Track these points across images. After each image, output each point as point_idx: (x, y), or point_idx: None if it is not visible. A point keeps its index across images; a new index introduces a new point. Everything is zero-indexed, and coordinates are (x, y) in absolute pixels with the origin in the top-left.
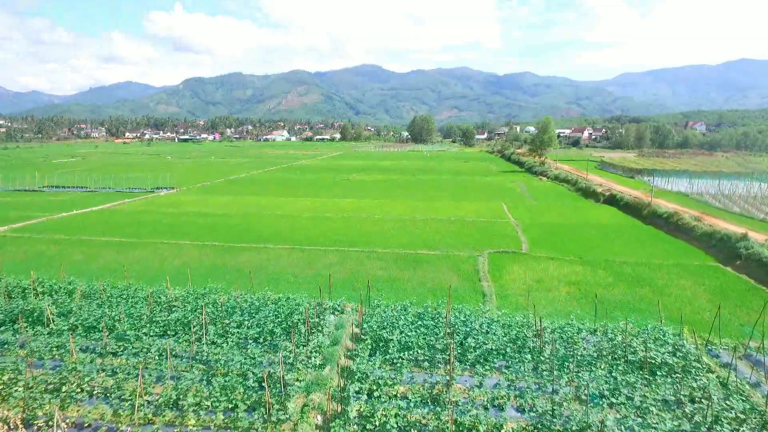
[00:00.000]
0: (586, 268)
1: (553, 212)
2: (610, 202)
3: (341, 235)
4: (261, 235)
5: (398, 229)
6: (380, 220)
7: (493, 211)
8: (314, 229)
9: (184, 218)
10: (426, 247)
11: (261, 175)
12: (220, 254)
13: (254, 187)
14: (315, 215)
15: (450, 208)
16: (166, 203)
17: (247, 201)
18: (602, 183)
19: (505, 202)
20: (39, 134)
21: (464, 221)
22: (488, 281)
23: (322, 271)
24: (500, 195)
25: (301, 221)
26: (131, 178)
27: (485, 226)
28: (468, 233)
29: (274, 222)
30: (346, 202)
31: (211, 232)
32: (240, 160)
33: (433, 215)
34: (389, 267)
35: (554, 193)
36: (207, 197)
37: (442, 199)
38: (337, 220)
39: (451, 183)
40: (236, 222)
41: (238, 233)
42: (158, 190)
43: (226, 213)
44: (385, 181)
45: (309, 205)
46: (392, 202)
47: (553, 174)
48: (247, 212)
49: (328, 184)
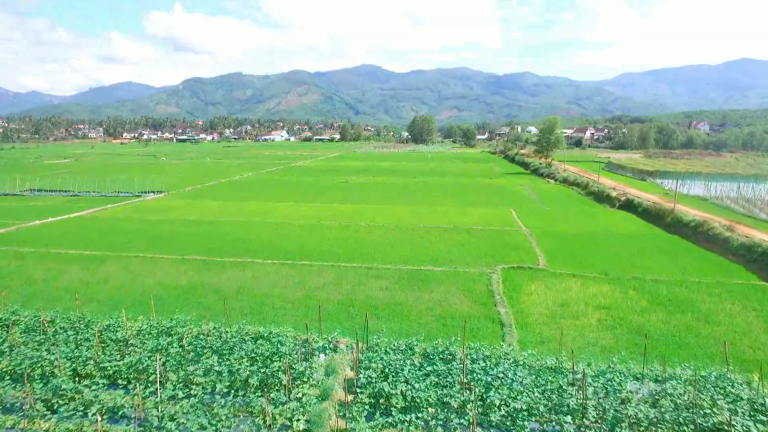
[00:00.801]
0: (614, 288)
1: (566, 219)
2: (626, 208)
3: (337, 247)
4: (249, 247)
5: (400, 238)
6: (381, 229)
7: (501, 218)
8: (308, 240)
9: (167, 227)
10: (432, 262)
11: (256, 177)
12: (200, 271)
13: (247, 190)
14: (310, 222)
15: (455, 215)
16: (150, 209)
17: (238, 206)
18: (615, 186)
19: (513, 208)
20: (36, 135)
21: (471, 230)
22: (505, 306)
23: (314, 293)
24: (507, 199)
25: (294, 230)
26: (121, 180)
27: (495, 236)
28: (477, 244)
29: (264, 231)
30: (344, 208)
31: (194, 244)
32: (236, 162)
33: (438, 223)
34: (391, 287)
35: (564, 197)
36: (196, 202)
37: (446, 204)
38: (334, 228)
39: (454, 186)
40: (223, 231)
41: (223, 244)
42: (145, 194)
43: (213, 220)
44: (386, 184)
45: (304, 210)
46: (393, 208)
47: (561, 176)
48: (237, 219)
49: (326, 188)
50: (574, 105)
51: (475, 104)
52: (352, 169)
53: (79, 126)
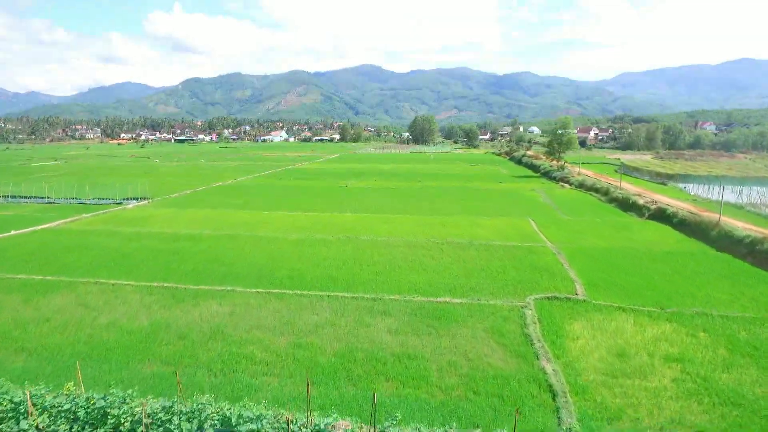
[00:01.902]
0: (677, 329)
1: (594, 232)
2: (658, 218)
3: (336, 269)
4: (231, 271)
5: (409, 258)
6: (385, 245)
7: (521, 231)
8: (301, 260)
9: (141, 243)
10: (449, 291)
11: (250, 181)
12: (168, 304)
13: (239, 197)
14: (304, 237)
15: (468, 226)
16: (128, 219)
17: (226, 216)
18: (640, 192)
19: (531, 217)
20: (32, 135)
21: (490, 246)
22: (550, 359)
23: (306, 339)
24: (522, 207)
25: (286, 246)
26: (105, 185)
27: (519, 255)
28: (499, 265)
29: (252, 248)
30: (344, 218)
31: (168, 265)
32: (231, 164)
33: (450, 237)
34: (402, 329)
35: (585, 205)
36: (180, 211)
37: (457, 212)
38: (332, 243)
39: (462, 191)
40: (204, 248)
41: (202, 266)
42: (128, 202)
43: (195, 234)
44: (389, 190)
45: (299, 221)
46: (399, 218)
47: (577, 180)
48: (222, 233)
49: (324, 193)
50: (574, 105)
51: (475, 104)
52: (352, 172)
53: (76, 126)
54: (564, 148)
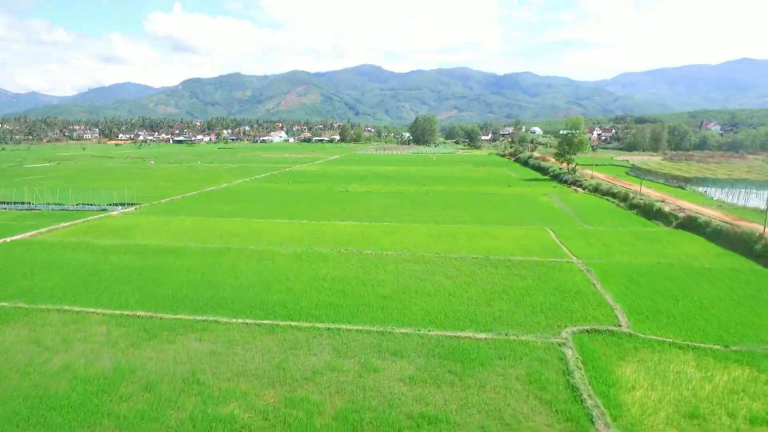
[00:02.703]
0: (755, 376)
1: (621, 244)
2: (687, 227)
3: (336, 293)
4: (216, 295)
5: (420, 278)
6: (392, 261)
7: (541, 243)
8: (297, 280)
9: (119, 258)
10: (471, 323)
11: (246, 185)
12: (138, 340)
13: (233, 202)
14: (301, 251)
15: (482, 237)
16: (109, 229)
17: (216, 226)
18: (663, 198)
19: (550, 227)
20: (30, 136)
21: (510, 263)
22: (606, 422)
23: (299, 393)
24: (537, 214)
25: (280, 263)
26: (92, 190)
27: (543, 273)
28: (522, 287)
29: (242, 264)
30: (345, 227)
31: (144, 287)
32: (228, 166)
33: (464, 250)
34: (418, 375)
35: (604, 212)
36: (167, 219)
37: (468, 220)
38: (332, 259)
39: (471, 197)
40: (189, 265)
41: (183, 289)
42: (113, 208)
43: (180, 247)
44: (392, 194)
45: (296, 231)
46: (404, 228)
47: (591, 184)
48: (211, 245)
49: (323, 198)
50: (575, 105)
51: (475, 104)
52: (352, 174)
53: (74, 127)
54: (575, 149)
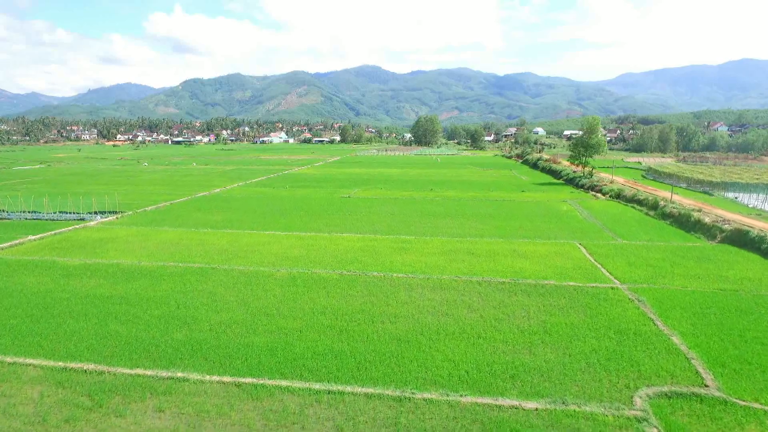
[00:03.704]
0: None
1: (667, 263)
2: (736, 242)
3: (338, 334)
4: (189, 337)
5: (439, 311)
6: (405, 287)
7: (574, 261)
8: (290, 314)
9: (82, 284)
10: (511, 381)
11: (240, 190)
12: (76, 411)
13: (224, 210)
14: (297, 272)
15: (505, 255)
16: (81, 244)
17: (202, 239)
18: (700, 206)
19: (579, 241)
20: (26, 137)
21: (544, 288)
22: None
23: None
24: (562, 226)
25: (271, 289)
26: (77, 194)
27: (586, 302)
28: (566, 324)
29: (226, 292)
30: (348, 242)
31: (104, 326)
32: (224, 168)
33: (487, 272)
34: None
35: (633, 222)
36: (148, 232)
37: (486, 233)
38: (333, 284)
39: (484, 204)
40: (163, 293)
41: (150, 329)
42: (93, 216)
43: (157, 269)
44: (398, 201)
45: (291, 247)
46: (416, 243)
47: (612, 190)
48: (192, 265)
49: (324, 205)
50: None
51: (476, 105)
52: (354, 178)
53: (72, 128)
54: (591, 152)
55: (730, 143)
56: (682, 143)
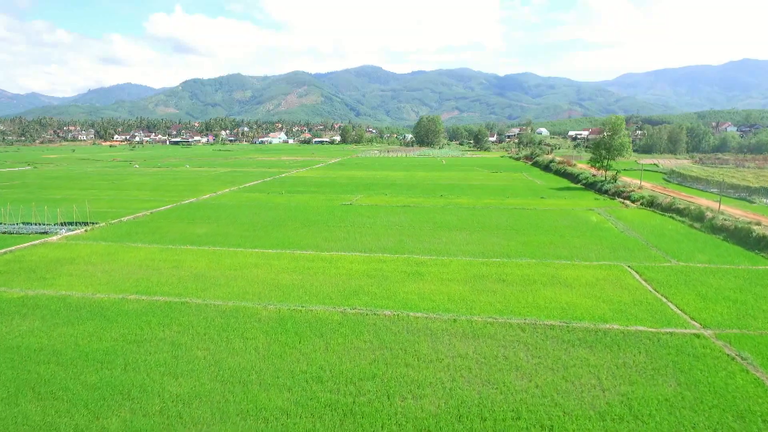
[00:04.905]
0: None
1: (750, 296)
2: None
3: (339, 420)
4: (130, 424)
5: (478, 378)
6: (424, 332)
7: (631, 293)
8: (274, 382)
9: (8, 330)
10: None
11: (231, 196)
12: None
13: (209, 221)
14: (288, 310)
15: (543, 283)
16: (32, 266)
17: (177, 260)
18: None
19: (627, 263)
20: (22, 137)
21: (606, 335)
22: None
23: None
24: (600, 241)
25: (251, 340)
26: (55, 200)
27: (670, 358)
28: (659, 399)
29: (191, 345)
30: (351, 264)
31: (8, 407)
32: (218, 170)
33: (527, 310)
34: None
35: (679, 236)
36: (117, 249)
37: (513, 252)
38: (332, 328)
39: (503, 213)
40: (111, 341)
41: (69, 417)
42: (58, 229)
43: (114, 303)
44: (405, 209)
45: (281, 272)
46: (431, 265)
47: (644, 197)
48: (156, 300)
49: (321, 215)
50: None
51: (476, 105)
52: (356, 181)
53: (69, 128)
54: (614, 154)
55: (741, 144)
56: (692, 144)
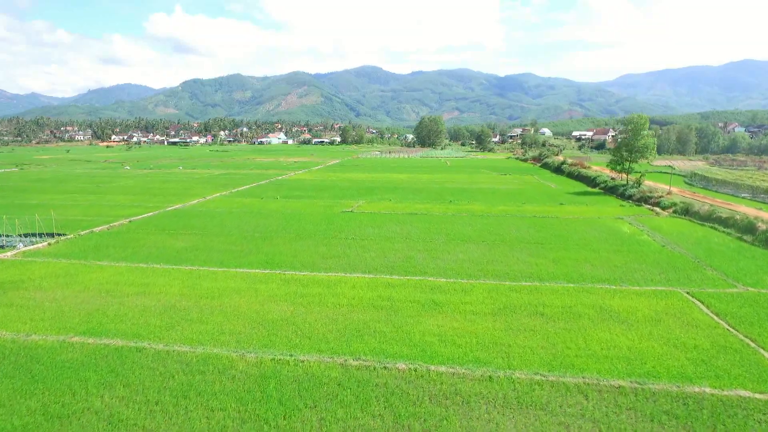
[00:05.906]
0: None
1: None
2: None
3: None
4: None
5: None
6: (453, 403)
7: (706, 334)
8: None
9: None
10: None
11: (222, 201)
12: None
13: (191, 232)
14: (271, 361)
15: (591, 316)
16: None
17: (143, 283)
18: None
19: (685, 288)
20: (19, 137)
21: (697, 404)
22: None
23: None
24: (642, 259)
25: (217, 412)
26: (28, 206)
27: None
28: None
29: (131, 427)
30: (351, 288)
31: None
32: (212, 172)
33: (582, 362)
34: None
35: (731, 252)
36: (79, 268)
37: (545, 272)
38: (329, 396)
39: (522, 222)
40: (26, 421)
41: None
42: (19, 242)
43: (45, 351)
44: (412, 218)
45: (269, 301)
46: (449, 289)
47: (676, 204)
48: (108, 345)
49: (319, 225)
50: (577, 106)
51: (476, 105)
52: (357, 185)
53: (66, 128)
54: (637, 156)
55: (752, 144)
56: (701, 145)
